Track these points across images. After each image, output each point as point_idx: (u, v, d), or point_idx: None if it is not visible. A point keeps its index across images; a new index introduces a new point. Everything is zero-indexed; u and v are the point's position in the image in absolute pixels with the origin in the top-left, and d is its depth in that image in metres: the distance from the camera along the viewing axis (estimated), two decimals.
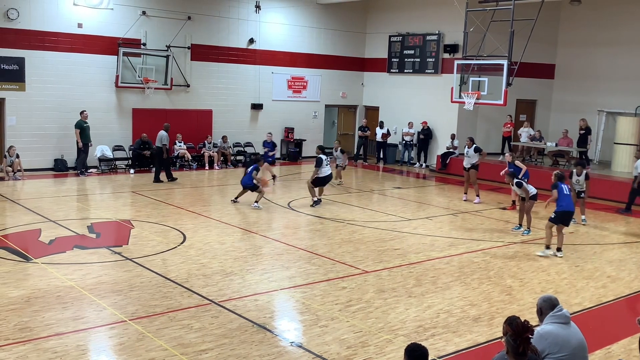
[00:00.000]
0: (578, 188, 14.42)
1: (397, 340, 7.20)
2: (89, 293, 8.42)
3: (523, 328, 4.26)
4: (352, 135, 26.55)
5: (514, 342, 4.27)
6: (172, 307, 8.00)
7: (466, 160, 16.88)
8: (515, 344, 4.26)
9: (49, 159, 19.04)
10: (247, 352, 6.74)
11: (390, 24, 24.68)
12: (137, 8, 20.11)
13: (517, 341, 4.24)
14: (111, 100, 20.08)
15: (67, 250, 10.55)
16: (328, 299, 8.58)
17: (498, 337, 7.22)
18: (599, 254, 11.77)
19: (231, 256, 10.62)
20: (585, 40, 22.55)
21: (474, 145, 16.83)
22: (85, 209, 14.34)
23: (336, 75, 25.26)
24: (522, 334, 4.24)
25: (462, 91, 18.92)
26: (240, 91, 22.79)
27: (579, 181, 14.33)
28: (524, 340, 4.24)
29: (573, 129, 20.84)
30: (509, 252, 11.64)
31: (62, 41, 18.91)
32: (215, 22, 21.86)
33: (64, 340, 6.89)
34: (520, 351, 4.25)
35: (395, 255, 11.00)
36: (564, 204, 11.23)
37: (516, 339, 4.25)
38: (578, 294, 9.26)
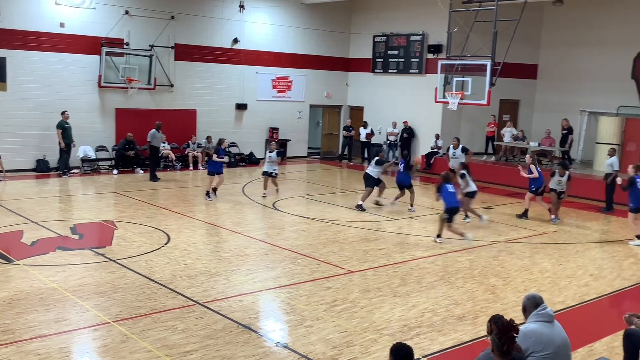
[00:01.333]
0: (559, 189, 14.49)
1: (382, 340, 7.22)
2: (72, 295, 8.35)
3: (508, 327, 4.29)
4: (337, 135, 26.57)
5: (499, 341, 4.30)
6: (157, 309, 7.96)
7: (452, 161, 16.93)
8: (500, 343, 4.29)
9: (31, 159, 18.85)
10: (232, 353, 6.72)
11: (374, 24, 24.74)
12: (120, 7, 19.96)
13: (502, 339, 4.27)
14: (94, 100, 19.91)
15: (50, 251, 10.45)
16: (313, 299, 8.58)
17: (482, 335, 7.27)
18: (581, 253, 11.88)
19: (216, 257, 10.59)
20: (568, 40, 22.76)
21: (460, 145, 17.01)
22: (68, 210, 14.21)
23: (321, 75, 25.27)
24: (507, 333, 4.27)
25: (446, 91, 19.02)
26: (225, 91, 22.71)
27: (561, 182, 14.42)
28: (509, 339, 4.27)
29: (555, 129, 21.03)
30: (492, 251, 11.71)
31: (44, 41, 18.72)
32: (199, 22, 21.77)
33: (46, 342, 6.82)
34: (505, 349, 4.28)
35: (380, 255, 11.03)
36: (446, 201, 12.09)
37: (501, 338, 4.28)
38: (561, 293, 9.35)
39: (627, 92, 21.04)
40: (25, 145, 18.61)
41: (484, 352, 4.77)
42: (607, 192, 16.12)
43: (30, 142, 18.70)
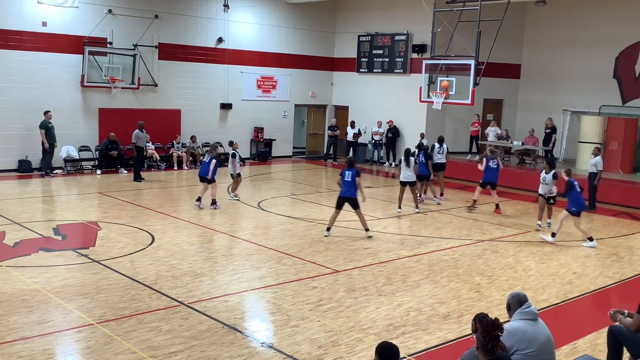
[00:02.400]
0: (544, 190, 13.59)
1: (367, 339, 7.23)
2: (55, 296, 8.27)
3: (492, 326, 4.32)
4: (322, 134, 26.58)
5: (483, 339, 4.32)
6: (141, 310, 7.91)
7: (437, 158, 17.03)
8: (484, 341, 4.31)
9: (13, 160, 18.64)
10: (218, 354, 6.70)
11: (359, 24, 24.77)
12: (103, 6, 19.80)
13: (486, 338, 4.30)
14: (77, 100, 19.74)
15: (33, 252, 10.34)
16: (299, 298, 8.58)
17: (467, 334, 7.31)
18: (564, 251, 11.98)
19: (201, 257, 10.54)
20: (550, 40, 22.94)
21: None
22: (51, 211, 14.07)
23: (305, 75, 25.26)
24: (491, 332, 4.30)
25: (430, 91, 19.09)
26: (209, 91, 22.63)
27: (545, 179, 13.53)
28: (493, 338, 4.29)
29: (539, 128, 21.19)
30: (477, 249, 11.78)
31: (26, 40, 18.52)
32: (183, 21, 21.67)
33: (29, 344, 6.75)
34: (489, 348, 4.31)
35: (365, 255, 11.04)
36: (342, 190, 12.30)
37: (485, 336, 4.30)
38: (544, 291, 9.42)
39: (609, 92, 21.27)
40: (7, 145, 18.42)
41: (468, 350, 4.79)
42: (592, 191, 16.27)
43: (12, 142, 18.50)
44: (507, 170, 20.01)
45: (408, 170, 14.82)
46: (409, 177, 14.86)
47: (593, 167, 16.02)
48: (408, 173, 14.84)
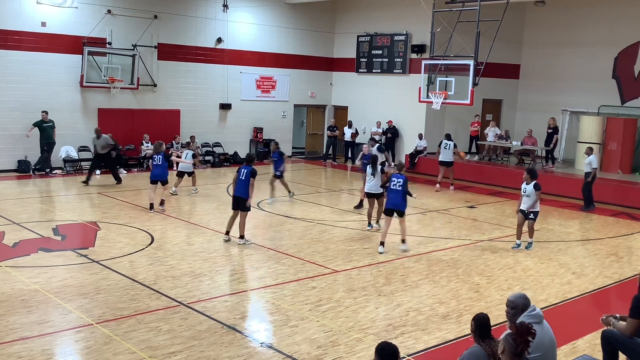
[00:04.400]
0: (525, 205, 11.64)
1: (367, 339, 7.23)
2: (54, 296, 8.27)
3: (526, 330, 4.29)
4: (321, 135, 26.58)
5: (514, 342, 4.28)
6: (140, 310, 7.91)
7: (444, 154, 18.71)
8: (515, 344, 4.27)
9: (13, 160, 18.63)
10: (217, 354, 6.70)
11: (358, 24, 24.78)
12: (102, 7, 19.79)
13: (517, 341, 4.26)
14: (76, 100, 19.74)
15: (32, 253, 10.34)
16: (298, 298, 8.58)
17: (466, 334, 7.31)
18: (563, 251, 11.99)
19: (200, 257, 10.54)
20: (550, 41, 22.95)
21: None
22: (50, 211, 14.07)
23: (305, 75, 25.25)
24: (524, 335, 4.27)
25: (429, 91, 19.10)
26: (209, 91, 22.62)
27: (526, 191, 11.60)
28: (525, 342, 4.27)
29: (538, 128, 21.19)
30: (476, 250, 11.78)
31: (25, 40, 18.51)
32: (182, 21, 21.66)
33: (29, 344, 6.75)
34: (519, 351, 4.28)
35: (364, 255, 11.05)
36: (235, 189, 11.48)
37: (517, 339, 4.27)
38: (544, 291, 9.43)
39: (608, 92, 21.28)
40: (7, 145, 18.41)
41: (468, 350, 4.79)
42: (586, 190, 16.23)
43: (11, 142, 18.49)
44: (506, 170, 20.06)
45: (374, 179, 12.77)
46: (374, 187, 12.80)
47: (587, 166, 16.04)
48: (373, 183, 12.77)
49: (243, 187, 11.28)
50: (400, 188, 11.17)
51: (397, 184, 11.20)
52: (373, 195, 12.96)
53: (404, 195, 11.23)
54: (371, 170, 12.77)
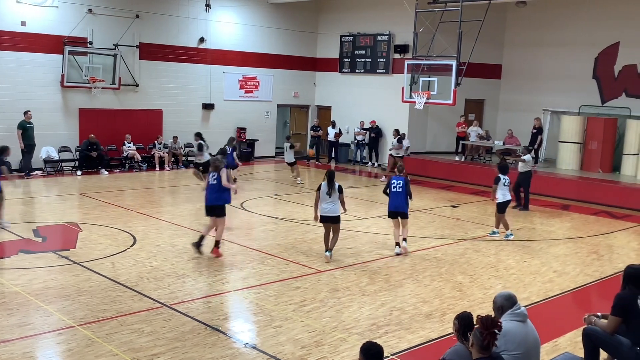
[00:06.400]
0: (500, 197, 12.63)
1: (351, 339, 7.24)
2: (35, 298, 8.18)
3: (491, 323, 4.34)
4: (305, 135, 26.56)
5: (480, 336, 4.33)
6: (122, 312, 7.85)
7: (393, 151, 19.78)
8: (481, 338, 4.32)
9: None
10: (200, 355, 6.66)
11: (341, 24, 24.81)
12: (83, 6, 19.61)
13: (484, 335, 4.31)
14: (57, 100, 19.54)
15: (12, 254, 10.22)
16: (282, 299, 8.56)
17: (449, 332, 7.34)
18: (545, 250, 12.10)
19: (183, 258, 10.49)
20: (531, 41, 23.15)
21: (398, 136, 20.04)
22: (31, 212, 13.91)
23: (288, 75, 25.23)
24: (489, 329, 4.31)
25: (412, 91, 19.19)
26: (191, 91, 22.51)
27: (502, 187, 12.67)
28: (491, 335, 4.31)
29: (520, 128, 21.35)
30: (459, 249, 11.85)
31: (5, 39, 18.28)
32: (164, 21, 21.53)
33: (9, 347, 6.67)
34: (485, 344, 4.32)
35: (348, 254, 11.06)
36: None
37: (483, 333, 4.31)
38: (526, 289, 9.50)
39: (589, 92, 21.51)
40: None
41: (451, 348, 4.82)
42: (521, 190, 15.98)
43: None
44: (488, 170, 20.18)
45: (329, 199, 10.51)
46: (331, 211, 10.54)
47: (526, 165, 15.71)
48: (330, 207, 10.54)
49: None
50: (401, 190, 11.14)
51: (397, 186, 11.18)
52: (329, 219, 10.59)
53: (406, 197, 11.19)
54: (327, 188, 10.44)
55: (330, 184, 10.45)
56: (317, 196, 10.55)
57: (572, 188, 18.01)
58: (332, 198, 10.45)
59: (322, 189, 10.49)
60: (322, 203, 10.50)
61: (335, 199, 10.48)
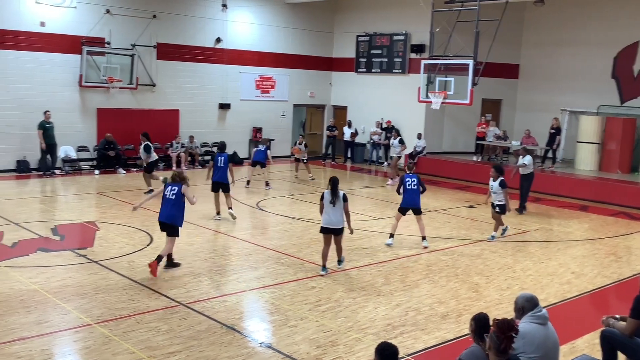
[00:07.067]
0: (495, 200, 12.28)
1: (366, 339, 7.23)
2: (53, 296, 8.26)
3: (508, 326, 4.30)
4: (320, 134, 26.57)
5: (497, 339, 4.29)
6: (139, 310, 7.90)
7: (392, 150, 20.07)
8: (498, 341, 4.29)
9: (11, 160, 18.61)
10: (216, 354, 6.69)
11: (357, 24, 24.78)
12: (101, 6, 19.79)
13: (500, 338, 4.28)
14: (75, 100, 19.72)
15: (31, 253, 10.33)
16: (297, 298, 8.57)
17: (466, 333, 7.30)
18: (563, 251, 11.99)
19: (199, 257, 10.53)
20: (549, 40, 22.95)
21: (399, 137, 20.22)
22: (49, 211, 14.06)
23: (304, 75, 25.25)
24: (506, 332, 4.28)
25: (429, 91, 19.09)
26: (208, 91, 22.61)
27: (493, 187, 12.23)
28: (508, 338, 4.28)
29: (537, 128, 21.17)
30: (475, 249, 11.78)
31: (24, 40, 18.49)
32: (181, 21, 21.65)
33: (28, 344, 6.74)
34: (502, 348, 4.29)
35: (364, 254, 11.04)
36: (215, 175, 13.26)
37: (500, 336, 4.28)
38: (543, 290, 9.42)
39: (608, 92, 21.28)
40: (5, 145, 18.38)
41: (467, 349, 4.79)
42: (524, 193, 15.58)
43: (10, 142, 18.47)
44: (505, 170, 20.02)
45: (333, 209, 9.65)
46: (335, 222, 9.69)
47: (527, 167, 15.29)
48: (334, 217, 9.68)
49: (223, 172, 13.16)
50: (416, 187, 11.52)
51: (412, 184, 11.53)
52: (330, 231, 9.73)
53: (419, 194, 11.60)
54: (330, 197, 9.60)
55: (334, 192, 9.58)
56: (322, 206, 9.68)
57: (591, 189, 17.83)
58: (336, 207, 9.56)
59: (325, 197, 9.63)
60: (325, 213, 9.61)
61: (339, 208, 9.59)
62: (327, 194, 9.63)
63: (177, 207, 9.47)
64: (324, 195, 9.69)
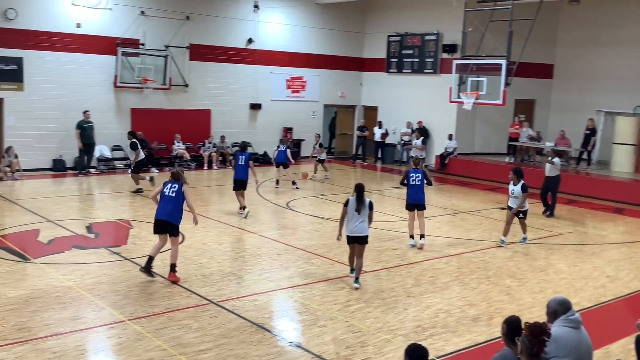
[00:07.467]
0: (513, 203, 11.84)
1: (395, 340, 7.20)
2: (87, 293, 8.42)
3: (540, 330, 4.24)
4: (351, 135, 26.54)
5: (529, 343, 4.24)
6: (171, 307, 8.00)
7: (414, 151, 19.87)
8: (530, 345, 4.23)
9: (48, 159, 19.01)
10: (246, 352, 6.73)
11: (388, 24, 24.69)
12: (136, 8, 20.09)
13: (532, 342, 4.22)
14: (110, 100, 20.06)
15: (66, 250, 10.53)
16: (327, 298, 8.58)
17: (497, 337, 7.21)
18: (597, 254, 11.77)
19: (230, 256, 10.62)
20: (584, 40, 22.54)
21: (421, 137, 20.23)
22: (84, 209, 14.32)
23: (335, 75, 25.26)
24: (538, 336, 4.23)
25: (460, 91, 18.94)
26: (239, 91, 22.78)
27: (514, 192, 11.77)
28: (540, 342, 4.22)
29: (572, 129, 20.80)
30: (507, 252, 11.64)
31: (61, 41, 18.88)
32: (213, 22, 21.85)
33: (62, 340, 6.88)
34: (535, 352, 4.24)
35: (394, 255, 11.00)
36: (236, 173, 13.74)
37: (532, 340, 4.23)
38: (577, 294, 9.26)
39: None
40: (42, 144, 18.77)
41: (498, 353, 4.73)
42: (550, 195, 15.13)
43: (47, 141, 18.85)
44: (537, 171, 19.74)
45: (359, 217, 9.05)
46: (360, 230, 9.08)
47: (554, 170, 14.76)
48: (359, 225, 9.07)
49: (244, 171, 13.57)
50: (420, 183, 11.44)
51: (416, 179, 11.48)
52: (356, 240, 9.17)
53: (423, 190, 11.57)
54: (356, 204, 9.08)
55: (359, 199, 9.05)
56: (344, 212, 9.15)
57: (627, 191, 17.46)
58: (362, 215, 9.01)
59: (349, 204, 9.11)
60: (350, 221, 9.08)
61: (364, 216, 9.04)
62: (352, 201, 9.11)
63: (177, 206, 9.10)
64: (348, 202, 9.17)
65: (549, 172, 14.95)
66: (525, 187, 11.66)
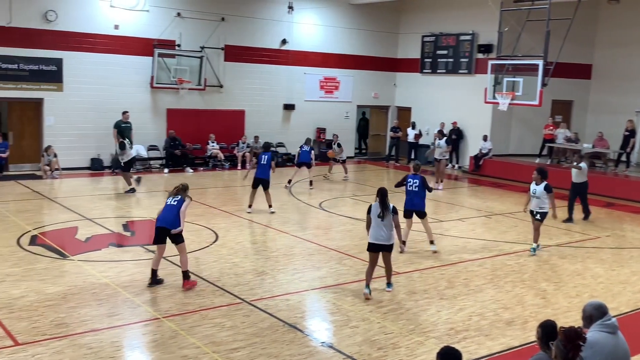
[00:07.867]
0: (535, 207, 11.33)
1: (428, 343, 7.16)
2: (123, 290, 8.56)
3: (576, 335, 4.18)
4: (384, 135, 26.45)
5: (564, 348, 4.18)
6: (205, 306, 8.09)
7: (437, 152, 18.67)
8: (565, 350, 4.17)
9: (86, 158, 19.39)
10: (278, 352, 6.77)
11: (423, 24, 24.53)
12: (172, 9, 20.36)
13: (567, 347, 4.16)
14: (146, 101, 20.36)
15: (103, 247, 10.74)
16: (359, 299, 8.57)
17: (532, 341, 7.11)
18: (636, 258, 11.51)
19: (263, 256, 10.68)
20: (624, 40, 22.05)
21: (444, 137, 19.17)
22: (121, 208, 14.56)
23: (368, 76, 25.20)
24: (574, 341, 4.16)
25: (496, 92, 18.74)
26: (273, 92, 22.89)
27: (536, 192, 11.25)
28: (575, 347, 4.16)
29: (610, 131, 20.37)
30: (543, 255, 11.46)
31: (99, 42, 19.25)
32: (248, 23, 22.01)
33: (99, 336, 7.02)
34: (570, 357, 4.17)
35: (427, 257, 10.93)
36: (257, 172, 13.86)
37: (567, 345, 4.16)
38: (614, 299, 9.07)
39: None
40: (81, 144, 19.14)
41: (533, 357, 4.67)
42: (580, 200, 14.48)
43: (85, 141, 19.22)
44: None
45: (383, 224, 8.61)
46: (384, 238, 8.66)
47: (581, 175, 14.14)
48: (383, 233, 8.63)
49: (265, 170, 13.81)
50: (417, 189, 11.12)
51: (413, 185, 11.17)
52: (379, 248, 8.72)
53: (422, 196, 11.20)
54: (379, 210, 8.58)
55: (383, 204, 8.56)
56: (368, 220, 8.68)
57: None
58: (385, 222, 8.55)
59: (372, 211, 8.63)
60: (374, 228, 8.60)
61: (388, 222, 8.59)
62: (374, 207, 8.62)
63: (177, 216, 8.88)
64: (370, 209, 8.69)
65: (576, 178, 14.24)
66: (549, 188, 11.17)
